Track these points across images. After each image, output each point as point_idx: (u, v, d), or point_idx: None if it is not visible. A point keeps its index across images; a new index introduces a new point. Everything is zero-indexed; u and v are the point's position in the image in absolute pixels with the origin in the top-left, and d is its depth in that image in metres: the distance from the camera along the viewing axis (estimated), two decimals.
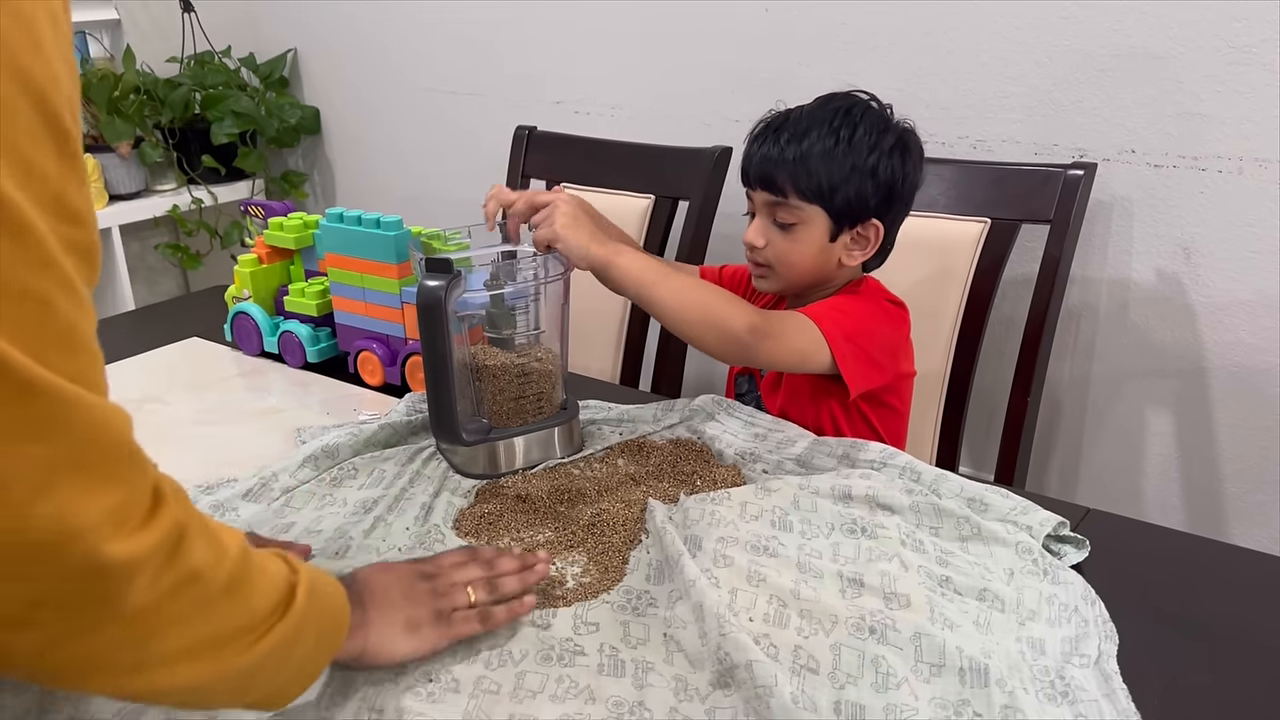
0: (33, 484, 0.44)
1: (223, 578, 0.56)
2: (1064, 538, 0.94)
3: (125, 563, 0.48)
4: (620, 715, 0.73)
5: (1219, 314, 1.52)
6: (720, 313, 1.06)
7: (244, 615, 0.58)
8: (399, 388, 1.34)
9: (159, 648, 0.53)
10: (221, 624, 0.56)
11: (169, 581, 0.51)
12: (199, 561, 0.53)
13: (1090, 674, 0.76)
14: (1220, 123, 1.45)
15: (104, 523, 0.47)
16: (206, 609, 0.55)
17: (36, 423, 0.44)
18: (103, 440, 0.47)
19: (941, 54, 1.65)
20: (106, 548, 0.46)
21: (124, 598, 0.48)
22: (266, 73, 2.54)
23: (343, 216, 1.33)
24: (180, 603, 0.53)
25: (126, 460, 0.49)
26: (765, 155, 1.15)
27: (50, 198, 0.45)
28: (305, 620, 0.63)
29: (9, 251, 0.43)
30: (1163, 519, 1.62)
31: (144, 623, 0.51)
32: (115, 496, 0.47)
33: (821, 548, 0.90)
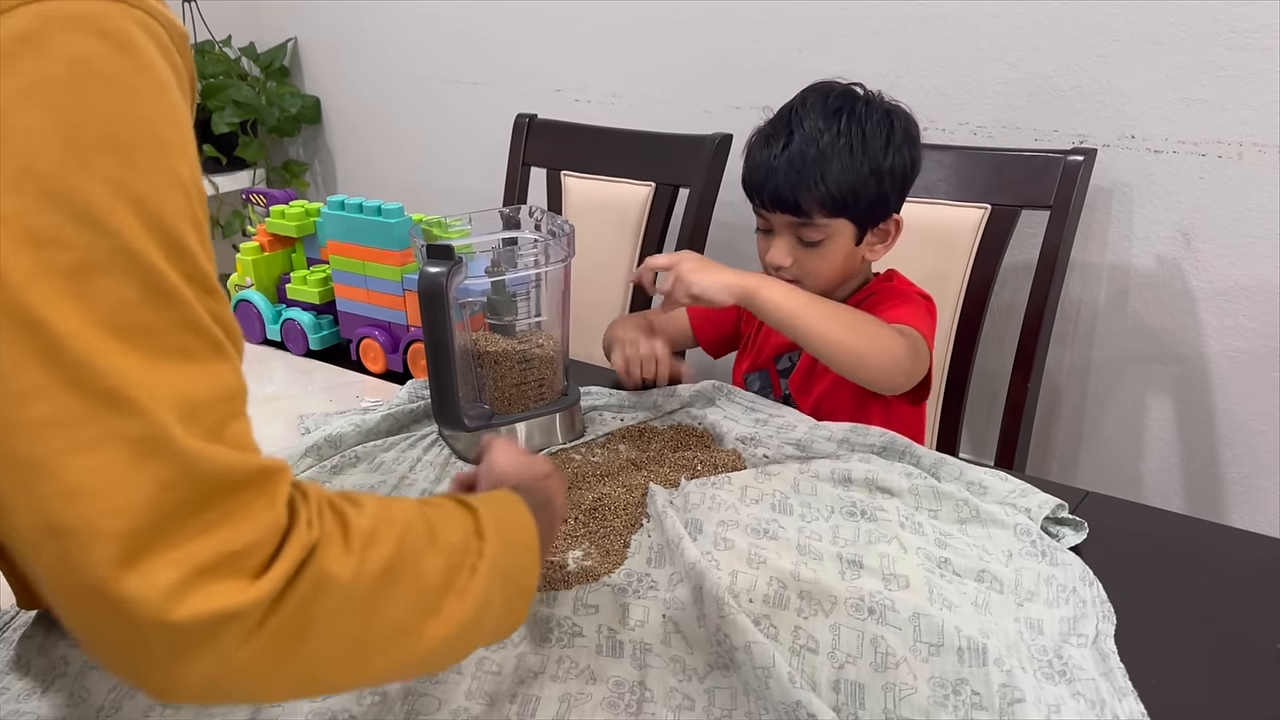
0: (156, 536, 0.46)
1: (372, 573, 0.54)
2: (1062, 520, 0.95)
3: (225, 612, 0.48)
4: (621, 695, 0.74)
5: (1219, 299, 1.53)
6: (883, 336, 1.06)
7: (408, 599, 0.56)
8: (401, 374, 1.34)
9: (304, 663, 0.52)
10: (379, 617, 0.55)
11: (291, 607, 0.50)
12: (338, 569, 0.52)
13: (1088, 653, 0.77)
14: (1220, 108, 1.45)
15: (210, 578, 0.47)
16: (356, 611, 0.54)
17: (170, 479, 0.47)
18: (231, 497, 0.49)
19: (941, 39, 1.65)
20: (201, 603, 0.47)
21: (233, 643, 0.49)
22: (267, 62, 2.54)
23: (344, 204, 1.33)
24: (317, 615, 0.52)
25: (258, 513, 0.50)
26: (780, 177, 1.13)
27: (196, 271, 0.50)
28: (490, 587, 0.61)
29: (159, 314, 0.48)
30: (1162, 504, 1.62)
31: (267, 651, 0.50)
32: (232, 547, 0.48)
33: (821, 530, 0.90)
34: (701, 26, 1.90)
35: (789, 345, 1.25)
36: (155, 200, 0.48)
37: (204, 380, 0.49)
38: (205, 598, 0.47)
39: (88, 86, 0.47)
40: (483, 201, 2.12)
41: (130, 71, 0.49)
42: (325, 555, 0.52)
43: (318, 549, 0.52)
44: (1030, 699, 0.70)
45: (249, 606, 0.48)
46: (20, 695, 0.75)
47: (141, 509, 0.46)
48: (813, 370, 1.23)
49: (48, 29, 0.47)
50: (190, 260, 0.50)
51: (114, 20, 0.49)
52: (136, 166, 0.48)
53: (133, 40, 0.49)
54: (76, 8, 0.48)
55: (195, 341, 0.49)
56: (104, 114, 0.47)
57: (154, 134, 0.49)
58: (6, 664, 0.79)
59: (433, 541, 0.59)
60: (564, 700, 0.74)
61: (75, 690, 0.75)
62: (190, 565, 0.47)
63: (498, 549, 0.63)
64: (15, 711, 0.74)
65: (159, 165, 0.49)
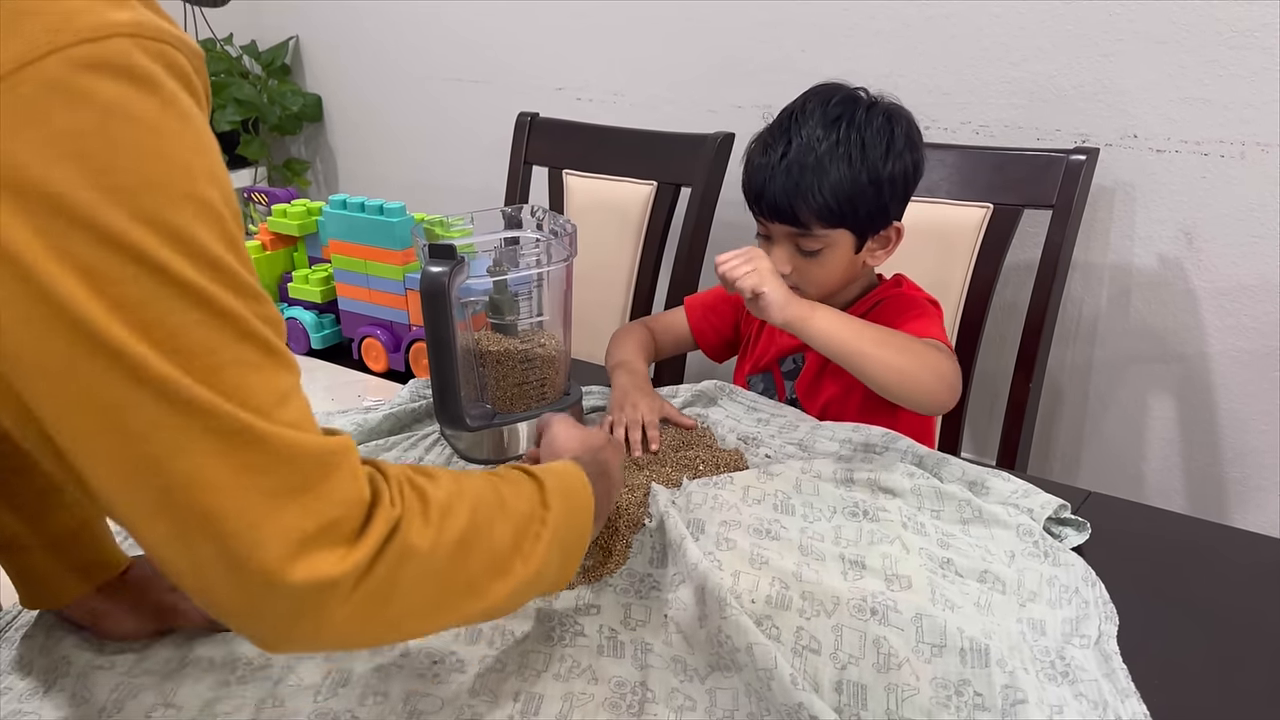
0: (258, 515, 0.53)
1: (449, 543, 0.61)
2: (1065, 520, 0.95)
3: (328, 579, 0.55)
4: (623, 695, 0.74)
5: (1221, 299, 1.52)
6: (931, 356, 1.06)
7: (480, 563, 0.64)
8: (403, 374, 1.34)
9: (386, 620, 0.60)
10: (454, 580, 0.63)
11: (381, 575, 0.57)
12: (418, 542, 0.59)
13: (1090, 654, 0.77)
14: (1223, 107, 1.45)
15: (311, 546, 0.54)
16: (431, 578, 0.61)
17: (258, 463, 0.53)
18: (316, 470, 0.55)
19: (944, 39, 1.65)
20: (308, 569, 0.54)
21: (334, 605, 0.56)
22: (268, 60, 2.54)
23: (346, 203, 1.33)
24: (401, 581, 0.59)
25: (343, 484, 0.56)
26: (778, 186, 1.11)
27: (239, 284, 0.54)
28: (551, 553, 0.69)
29: (213, 333, 0.52)
30: (1164, 504, 1.62)
31: (362, 613, 0.57)
32: (326, 518, 0.55)
33: (823, 531, 0.90)
34: (704, 26, 1.90)
35: (793, 348, 1.25)
36: (191, 228, 0.52)
37: (266, 378, 0.54)
38: (311, 565, 0.54)
39: (117, 130, 0.50)
40: (484, 200, 2.12)
41: (156, 110, 0.52)
42: (408, 529, 0.59)
43: (401, 523, 0.58)
44: (1033, 700, 0.70)
45: (347, 573, 0.55)
46: (22, 695, 0.75)
47: (244, 490, 0.52)
48: (821, 374, 1.22)
49: (75, 77, 0.49)
50: (231, 276, 0.54)
51: (135, 59, 0.51)
52: (170, 201, 0.51)
53: (155, 78, 0.52)
54: (100, 51, 0.50)
55: (251, 349, 0.54)
56: (134, 155, 0.51)
57: (183, 167, 0.53)
58: (9, 664, 0.79)
59: (502, 511, 0.67)
60: (566, 699, 0.74)
61: (77, 690, 0.75)
62: (295, 536, 0.54)
63: (560, 515, 0.70)
64: (17, 711, 0.74)
65: (191, 196, 0.52)
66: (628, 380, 1.20)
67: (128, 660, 0.78)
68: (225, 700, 0.73)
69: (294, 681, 0.75)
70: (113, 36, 0.50)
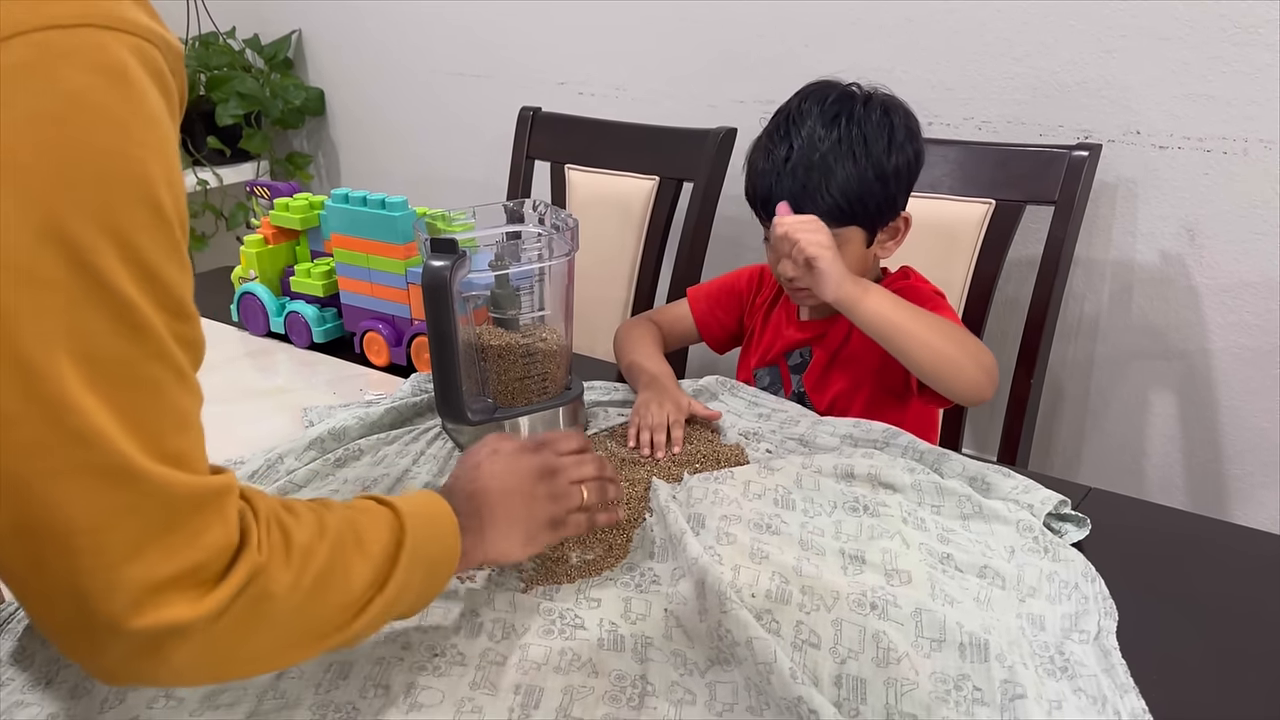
0: (119, 553, 0.52)
1: (306, 587, 0.61)
2: (1065, 516, 0.95)
3: (180, 624, 0.54)
4: (623, 688, 0.74)
5: (1222, 295, 1.52)
6: (975, 346, 1.06)
7: (338, 600, 0.63)
8: (404, 368, 1.35)
9: (231, 664, 0.60)
10: (310, 621, 0.62)
11: (234, 620, 0.56)
12: (276, 588, 0.59)
13: (1089, 650, 0.77)
14: (1226, 104, 1.45)
15: (170, 589, 0.53)
16: (288, 620, 0.60)
17: (132, 503, 0.52)
18: (190, 513, 0.54)
19: (947, 34, 1.64)
20: (161, 614, 0.53)
21: (183, 646, 0.55)
22: (271, 54, 2.54)
23: (348, 197, 1.33)
24: (253, 628, 0.58)
25: (212, 527, 0.55)
26: (784, 189, 1.11)
27: (169, 300, 0.52)
28: (408, 578, 0.68)
29: (129, 345, 0.51)
30: (1165, 500, 1.62)
31: (214, 651, 0.57)
32: (190, 562, 0.54)
33: (824, 525, 0.90)
34: (706, 21, 1.90)
35: (799, 341, 1.25)
36: (134, 233, 0.51)
37: (166, 407, 0.53)
38: (159, 611, 0.53)
39: (81, 121, 0.49)
40: (486, 195, 2.12)
41: (122, 105, 0.50)
42: (269, 573, 0.58)
43: (263, 568, 0.58)
44: (1031, 695, 0.70)
45: (199, 617, 0.54)
46: (24, 687, 0.76)
47: (109, 528, 0.51)
48: (829, 368, 1.22)
49: (46, 60, 0.48)
50: (162, 289, 0.52)
51: (110, 51, 0.50)
52: (120, 201, 0.50)
53: (127, 72, 0.51)
54: (75, 38, 0.49)
55: (160, 370, 0.53)
56: (94, 149, 0.49)
57: (140, 168, 0.51)
58: (10, 656, 0.79)
59: (360, 547, 0.65)
60: (566, 692, 0.74)
61: (79, 683, 0.75)
62: (151, 581, 0.53)
63: (419, 544, 0.69)
64: (19, 702, 0.74)
65: (142, 198, 0.51)
66: (652, 381, 1.18)
67: None
68: (226, 693, 0.74)
69: (295, 674, 0.75)
70: (85, 26, 0.49)
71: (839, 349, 1.22)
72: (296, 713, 0.71)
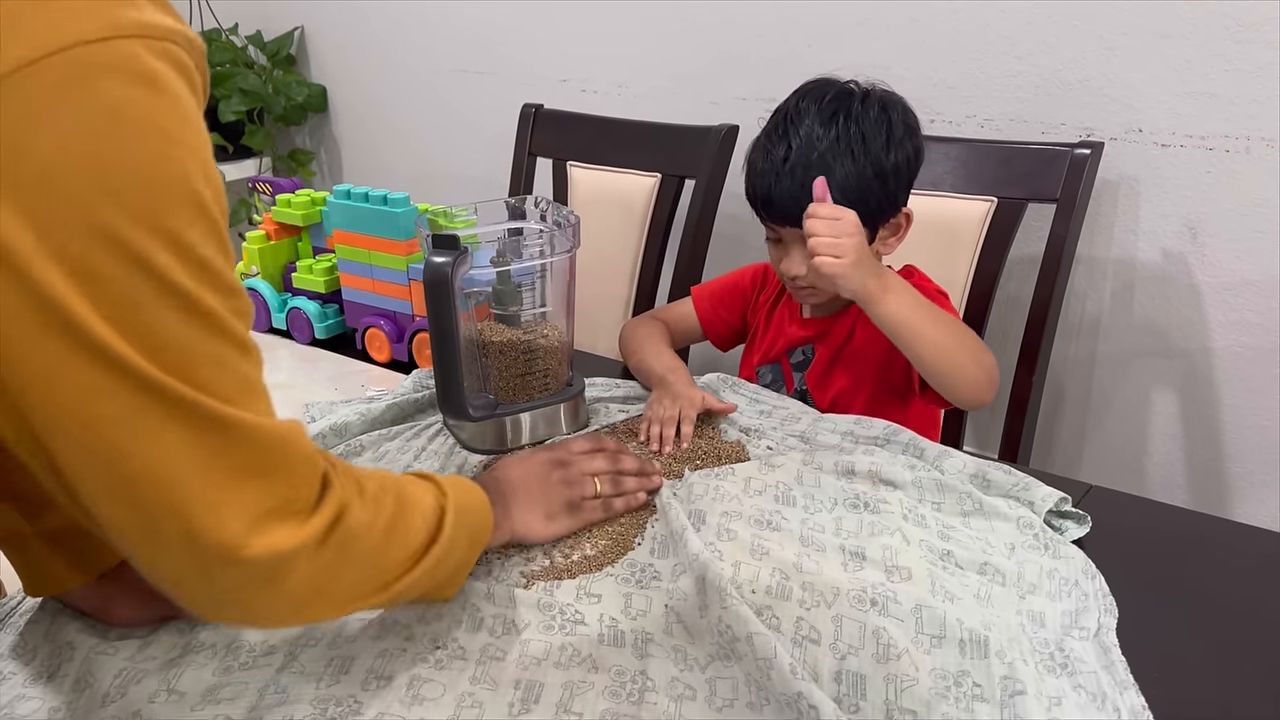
0: (221, 495, 0.57)
1: (380, 530, 0.67)
2: (1066, 513, 0.95)
3: (287, 552, 0.59)
4: (623, 684, 0.74)
5: (1224, 294, 1.52)
6: (980, 350, 1.06)
7: (401, 551, 0.70)
8: (406, 364, 1.35)
9: (327, 596, 0.65)
10: (382, 565, 0.69)
11: (331, 552, 0.63)
12: (358, 526, 0.65)
13: (1089, 646, 0.77)
14: (1228, 102, 1.45)
15: (270, 520, 0.59)
16: (366, 559, 0.67)
17: (225, 447, 0.57)
18: (277, 452, 0.60)
19: (949, 32, 1.64)
20: (268, 541, 0.58)
21: (291, 576, 0.61)
22: (274, 50, 2.54)
23: (350, 193, 1.34)
24: (344, 560, 0.64)
25: (298, 464, 0.61)
26: (784, 190, 1.11)
27: (221, 283, 0.57)
28: (456, 537, 0.75)
29: (196, 331, 0.55)
30: (1166, 498, 1.62)
31: (312, 585, 0.63)
32: (284, 495, 0.60)
33: (824, 522, 0.91)
34: (708, 18, 1.90)
35: (801, 339, 1.25)
36: (185, 231, 0.54)
37: (234, 371, 0.58)
38: (268, 537, 0.58)
39: (122, 133, 0.51)
40: (488, 191, 2.12)
41: (158, 112, 0.53)
42: (351, 512, 0.64)
43: (347, 506, 0.64)
44: (1031, 691, 0.70)
45: (302, 546, 0.60)
46: (26, 680, 0.76)
47: (207, 472, 0.56)
48: (831, 367, 1.22)
49: (84, 76, 0.50)
50: (214, 275, 0.56)
51: (142, 60, 0.52)
52: (168, 203, 0.53)
53: (159, 79, 0.53)
54: (108, 52, 0.51)
55: (224, 345, 0.57)
56: (137, 158, 0.52)
57: (181, 168, 0.54)
58: (12, 649, 0.80)
59: (415, 505, 0.72)
60: (566, 688, 0.74)
61: (81, 676, 0.76)
62: (254, 513, 0.58)
63: (459, 506, 0.76)
64: (21, 696, 0.74)
65: (185, 196, 0.54)
66: (664, 377, 1.18)
67: (131, 646, 0.79)
68: (228, 687, 0.74)
69: (296, 669, 0.75)
70: (114, 38, 0.51)
71: (842, 346, 1.22)
72: (298, 708, 0.71)
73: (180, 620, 0.82)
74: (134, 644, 0.79)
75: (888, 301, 1.04)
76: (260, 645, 0.78)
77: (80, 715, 0.72)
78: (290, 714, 0.71)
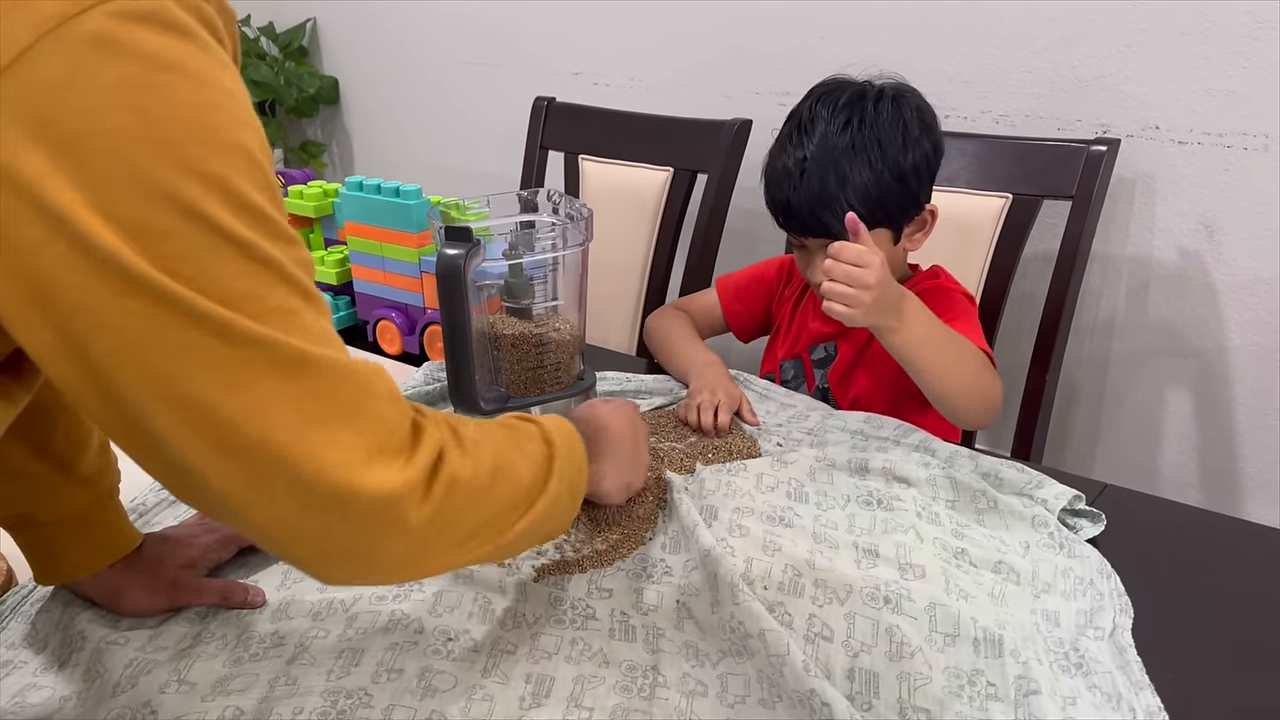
0: (319, 436, 0.55)
1: (485, 474, 0.65)
2: (1080, 512, 0.94)
3: (395, 491, 0.58)
4: (634, 679, 0.74)
5: (1240, 293, 1.51)
6: (986, 379, 1.07)
7: (508, 496, 0.68)
8: (417, 356, 1.35)
9: (440, 545, 0.63)
10: (491, 511, 0.67)
11: (439, 495, 0.61)
12: (460, 470, 0.63)
13: (1104, 646, 0.76)
14: (1246, 99, 1.44)
15: (373, 459, 0.57)
16: (474, 505, 0.65)
17: (315, 388, 0.55)
18: (364, 392, 0.58)
19: (965, 27, 1.63)
20: (375, 480, 0.57)
21: (405, 518, 0.59)
22: (285, 42, 2.54)
23: (362, 185, 1.33)
24: (452, 506, 0.62)
25: (386, 404, 0.59)
26: (802, 201, 1.10)
27: (279, 231, 0.56)
28: (559, 491, 0.72)
29: (258, 282, 0.54)
30: (1179, 497, 1.61)
31: (425, 532, 0.61)
32: (380, 435, 0.58)
33: (837, 519, 0.90)
34: (721, 11, 1.89)
35: (824, 335, 1.25)
36: (235, 179, 0.53)
37: (305, 319, 0.56)
38: (377, 476, 0.57)
39: (165, 81, 0.51)
40: (500, 184, 2.12)
41: (195, 59, 0.52)
42: (451, 457, 0.62)
43: (445, 450, 0.62)
44: (1046, 691, 0.70)
45: (408, 486, 0.58)
46: (37, 669, 0.76)
47: (302, 417, 0.55)
48: (854, 366, 1.22)
49: (124, 28, 0.49)
50: (270, 224, 0.55)
51: (175, 13, 0.52)
52: (215, 151, 0.52)
53: (194, 30, 0.52)
54: (142, 5, 0.50)
55: (291, 293, 0.56)
56: (182, 105, 0.51)
57: (226, 114, 0.53)
58: (24, 638, 0.80)
59: (520, 449, 0.71)
60: (578, 682, 0.74)
61: (92, 665, 0.76)
62: (357, 454, 0.56)
63: (564, 457, 0.73)
64: (32, 685, 0.74)
65: (233, 145, 0.53)
66: (706, 368, 1.19)
67: (142, 636, 0.79)
68: (238, 678, 0.74)
69: (307, 660, 0.75)
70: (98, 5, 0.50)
71: (865, 347, 1.21)
72: (308, 699, 0.71)
73: (190, 611, 0.82)
74: (144, 634, 0.79)
75: (900, 333, 1.02)
76: (271, 636, 0.78)
77: (91, 705, 0.72)
78: (301, 705, 0.70)
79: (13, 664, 0.77)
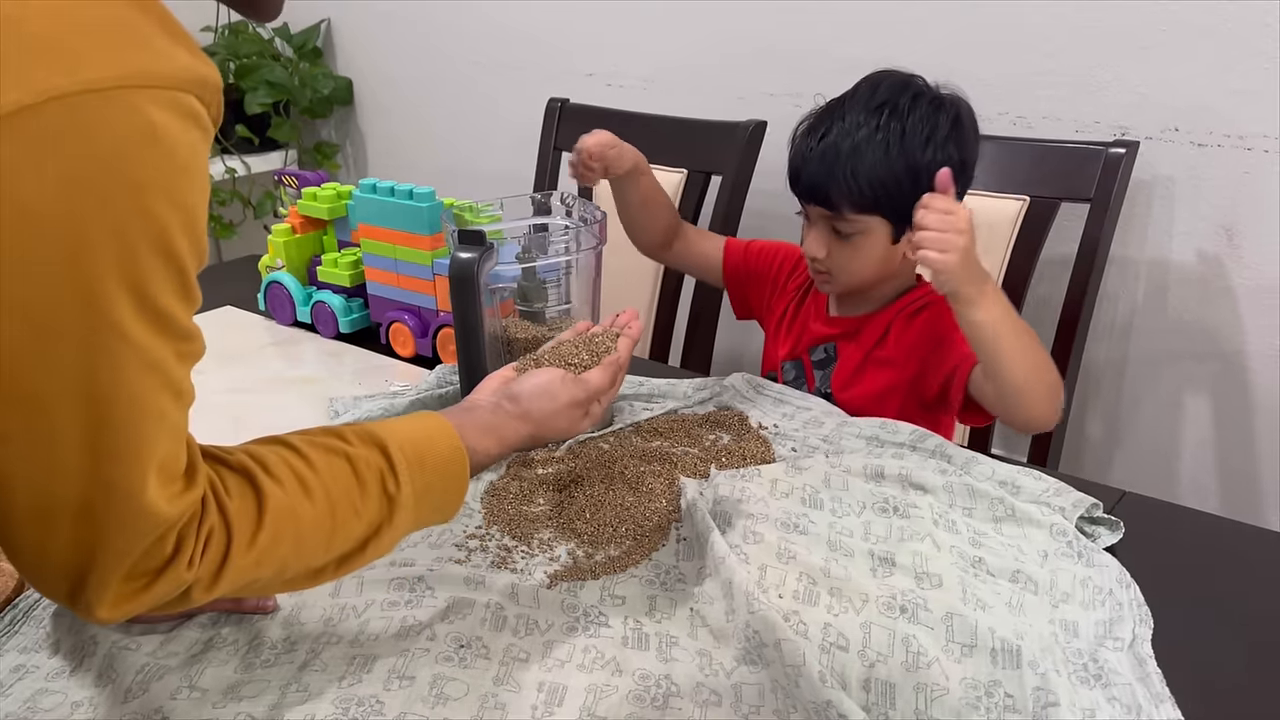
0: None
1: (272, 566, 0.65)
2: (1098, 520, 0.93)
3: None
4: (647, 688, 0.73)
5: (1260, 296, 1.50)
6: (1055, 380, 1.04)
7: (327, 551, 0.68)
8: (430, 359, 1.34)
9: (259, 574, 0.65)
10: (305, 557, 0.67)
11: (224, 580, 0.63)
12: (242, 562, 0.63)
13: (1124, 657, 0.75)
14: (1267, 101, 1.42)
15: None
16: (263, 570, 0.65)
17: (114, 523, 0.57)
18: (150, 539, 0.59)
19: (982, 28, 1.62)
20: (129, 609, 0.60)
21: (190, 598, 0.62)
22: (300, 43, 2.54)
23: (376, 187, 1.33)
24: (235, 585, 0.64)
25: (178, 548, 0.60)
26: (813, 169, 1.11)
27: (177, 330, 0.56)
28: (405, 515, 0.71)
29: (145, 380, 0.55)
30: (1198, 504, 1.60)
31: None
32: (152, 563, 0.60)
33: (853, 526, 0.89)
34: (737, 13, 1.88)
35: (824, 336, 1.24)
36: (148, 282, 0.53)
37: (168, 427, 0.58)
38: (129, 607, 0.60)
39: (107, 187, 0.51)
40: (514, 186, 2.11)
41: (145, 168, 0.52)
42: (199, 586, 0.62)
43: (192, 587, 0.62)
44: (1065, 703, 0.69)
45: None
46: (49, 674, 0.76)
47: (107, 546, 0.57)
48: (861, 369, 1.21)
49: (77, 127, 0.49)
50: (171, 323, 0.56)
51: (141, 113, 0.51)
52: (138, 255, 0.52)
53: (155, 132, 0.52)
54: (108, 104, 0.50)
55: (168, 400, 0.57)
56: (119, 211, 0.51)
57: (160, 224, 0.53)
58: (37, 643, 0.79)
59: (350, 518, 0.69)
60: (590, 691, 0.73)
61: (103, 670, 0.75)
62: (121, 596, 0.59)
63: (417, 489, 0.72)
64: (44, 690, 0.74)
65: (159, 250, 0.53)
66: None
67: (154, 642, 0.78)
68: (249, 684, 0.73)
69: (318, 667, 0.75)
70: (120, 88, 0.50)
71: (873, 349, 1.20)
72: (319, 706, 0.71)
73: (202, 616, 0.81)
74: (156, 640, 0.79)
75: (981, 307, 1.00)
76: (282, 643, 0.78)
77: (102, 711, 0.72)
78: (312, 712, 0.70)
79: (25, 669, 0.76)
